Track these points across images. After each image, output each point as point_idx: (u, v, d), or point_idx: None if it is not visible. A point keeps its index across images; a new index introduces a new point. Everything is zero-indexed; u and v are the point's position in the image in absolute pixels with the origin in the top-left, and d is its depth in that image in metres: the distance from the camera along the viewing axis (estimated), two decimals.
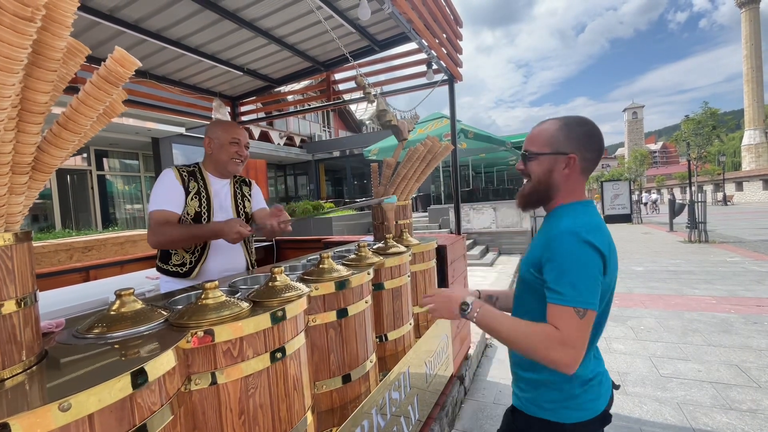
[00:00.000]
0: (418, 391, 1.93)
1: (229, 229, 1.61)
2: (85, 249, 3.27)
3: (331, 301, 1.33)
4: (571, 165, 1.03)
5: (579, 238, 0.93)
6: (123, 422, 0.66)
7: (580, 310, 0.90)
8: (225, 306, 0.97)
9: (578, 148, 1.03)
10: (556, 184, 1.06)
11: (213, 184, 1.85)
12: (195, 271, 1.77)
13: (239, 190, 1.97)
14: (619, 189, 17.94)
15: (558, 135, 1.04)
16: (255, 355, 0.95)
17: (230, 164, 1.85)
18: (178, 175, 1.77)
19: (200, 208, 1.77)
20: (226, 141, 1.82)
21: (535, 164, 1.07)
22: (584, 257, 0.92)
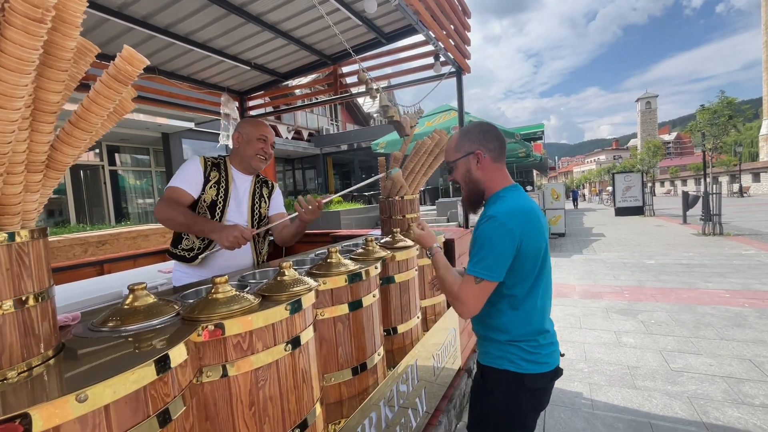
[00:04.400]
0: (426, 384, 1.95)
1: (226, 235, 1.60)
2: (99, 243, 3.34)
3: (339, 295, 1.34)
4: (480, 159, 1.26)
5: (496, 223, 1.16)
6: (138, 413, 0.68)
7: (477, 278, 1.16)
8: (235, 300, 0.98)
9: (479, 143, 1.25)
10: (478, 179, 1.28)
11: (235, 179, 1.90)
12: (198, 258, 1.81)
13: (258, 190, 2.00)
14: (631, 181, 17.63)
15: (461, 141, 1.29)
16: (264, 349, 0.97)
17: (254, 160, 1.90)
18: (203, 163, 1.83)
19: (217, 197, 1.82)
20: (254, 137, 1.88)
21: (457, 171, 1.31)
22: (496, 238, 1.15)
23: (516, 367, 1.21)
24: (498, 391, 1.24)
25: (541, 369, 1.23)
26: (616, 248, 8.73)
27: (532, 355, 1.22)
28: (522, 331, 1.23)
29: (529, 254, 1.18)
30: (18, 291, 0.68)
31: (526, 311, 1.22)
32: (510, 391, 1.23)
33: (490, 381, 1.26)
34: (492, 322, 1.26)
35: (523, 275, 1.20)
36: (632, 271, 6.35)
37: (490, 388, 1.26)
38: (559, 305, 4.76)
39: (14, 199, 0.68)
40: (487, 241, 1.16)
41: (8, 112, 0.58)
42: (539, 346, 1.23)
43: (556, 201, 11.81)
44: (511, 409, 1.23)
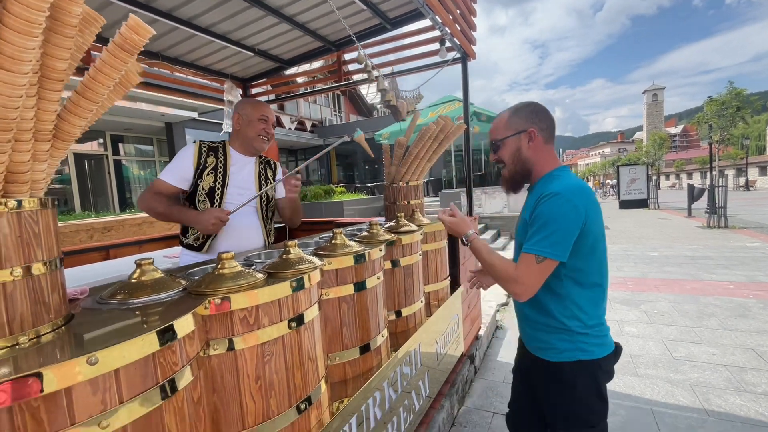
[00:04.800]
0: (429, 369, 1.96)
1: (205, 221, 1.63)
2: (105, 229, 3.36)
3: (343, 275, 1.35)
4: (533, 138, 1.22)
5: (563, 199, 1.11)
6: (147, 379, 0.69)
7: (538, 257, 1.10)
8: (241, 276, 0.99)
9: (532, 122, 1.22)
10: (528, 158, 1.24)
11: (235, 162, 1.86)
12: (206, 246, 1.82)
13: (264, 172, 1.97)
14: (636, 173, 17.51)
15: (513, 119, 1.24)
16: (270, 324, 0.98)
17: (256, 141, 1.87)
18: (197, 151, 1.79)
19: (215, 183, 1.78)
20: (255, 118, 1.85)
21: (505, 149, 1.26)
22: (562, 215, 1.10)
23: (590, 354, 1.18)
24: (580, 383, 1.19)
25: (610, 349, 1.22)
26: (619, 240, 8.70)
27: (600, 339, 1.20)
28: (594, 317, 1.19)
29: (595, 233, 1.15)
30: (28, 258, 0.69)
31: (597, 295, 1.20)
32: (591, 379, 1.19)
33: (568, 376, 1.20)
34: (563, 312, 1.18)
35: (594, 256, 1.17)
36: (636, 262, 6.33)
37: (571, 384, 1.20)
38: None
39: (23, 167, 0.68)
40: (552, 217, 1.10)
41: (15, 76, 0.58)
42: (604, 328, 1.23)
43: None
44: (595, 394, 1.20)
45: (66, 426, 0.58)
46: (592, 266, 1.17)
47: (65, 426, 0.58)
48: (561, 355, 1.20)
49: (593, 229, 1.14)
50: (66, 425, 0.58)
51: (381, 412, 1.44)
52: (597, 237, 1.16)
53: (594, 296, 1.20)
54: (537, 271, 1.11)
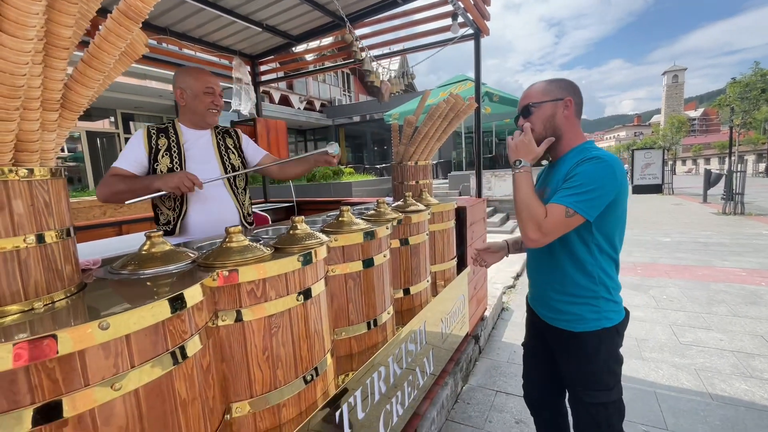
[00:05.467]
0: (434, 347, 1.99)
1: (167, 181, 1.53)
2: (118, 205, 3.41)
3: (350, 252, 1.35)
4: (569, 107, 1.23)
5: (606, 164, 1.12)
6: (157, 345, 0.71)
7: (570, 210, 1.10)
8: (248, 249, 1.00)
9: (570, 92, 1.23)
10: (559, 126, 1.24)
11: (187, 138, 1.76)
12: (177, 227, 1.72)
13: (222, 142, 1.86)
14: (651, 158, 17.08)
15: (551, 86, 1.26)
16: (277, 297, 1.00)
17: (207, 115, 1.77)
18: (146, 135, 1.71)
19: (172, 164, 1.69)
20: (200, 91, 1.72)
21: (538, 114, 1.25)
22: (600, 177, 1.11)
23: (611, 321, 1.23)
24: (602, 351, 1.24)
25: (623, 313, 1.29)
26: (631, 225, 8.58)
27: (619, 305, 1.26)
28: (616, 281, 1.26)
29: (624, 199, 1.18)
30: (40, 226, 0.70)
31: (615, 259, 1.26)
32: (611, 345, 1.25)
33: (591, 345, 1.24)
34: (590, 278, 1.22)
35: (620, 220, 1.20)
36: (646, 248, 6.26)
37: (595, 351, 1.24)
38: None
39: (32, 136, 0.68)
40: (590, 178, 1.11)
41: (21, 42, 0.57)
42: (619, 291, 1.28)
43: None
44: (614, 358, 1.27)
45: (81, 387, 0.61)
46: (617, 237, 1.22)
47: (80, 387, 0.60)
48: (587, 325, 1.24)
49: (623, 202, 1.17)
50: (81, 386, 0.61)
51: (386, 386, 1.47)
52: (625, 210, 1.21)
53: (615, 265, 1.26)
54: (563, 223, 1.12)
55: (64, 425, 0.59)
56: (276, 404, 1.01)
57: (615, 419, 1.26)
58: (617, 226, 1.21)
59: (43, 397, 0.57)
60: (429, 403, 1.97)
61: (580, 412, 1.30)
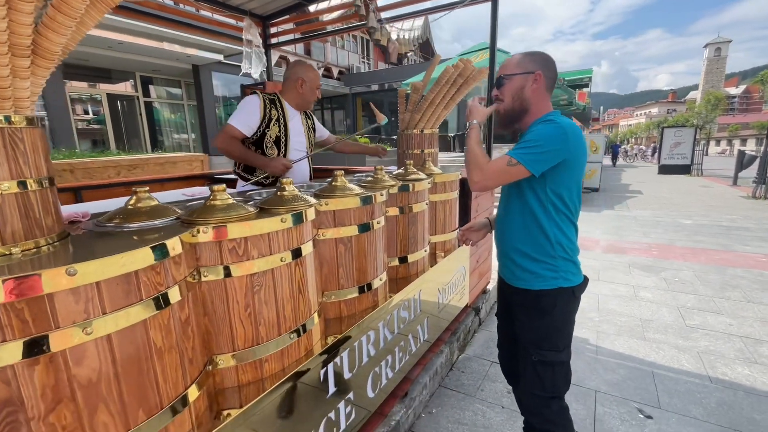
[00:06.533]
0: (429, 315, 2.01)
1: (274, 166, 2.00)
2: (130, 167, 3.49)
3: (341, 217, 1.35)
4: (538, 81, 1.27)
5: (556, 126, 1.19)
6: (130, 295, 0.73)
7: (513, 160, 1.18)
8: (232, 208, 1.00)
9: (541, 67, 1.27)
10: (528, 98, 1.29)
11: (291, 115, 2.15)
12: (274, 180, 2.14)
13: (306, 123, 2.29)
14: (681, 136, 16.24)
15: (524, 60, 1.30)
16: (260, 256, 1.00)
17: (310, 104, 2.23)
18: (262, 103, 2.05)
19: (280, 133, 2.09)
20: (315, 86, 2.17)
21: (509, 85, 1.30)
22: (549, 137, 1.17)
23: (568, 282, 1.28)
24: (556, 309, 1.29)
25: (581, 276, 1.33)
26: (651, 206, 8.30)
27: (576, 266, 1.31)
28: (574, 243, 1.31)
29: (580, 166, 1.23)
30: (16, 174, 0.71)
31: (575, 224, 1.31)
32: (566, 305, 1.30)
33: (547, 302, 1.29)
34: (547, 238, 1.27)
35: (577, 186, 1.27)
36: (665, 229, 6.07)
37: (548, 309, 1.29)
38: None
39: (2, 82, 0.68)
40: (540, 136, 1.18)
41: None
42: (578, 255, 1.33)
43: (594, 154, 11.15)
44: (567, 320, 1.32)
45: (51, 328, 0.63)
46: (574, 199, 1.27)
47: (50, 328, 0.63)
48: (545, 283, 1.28)
49: (577, 166, 1.22)
50: (50, 328, 0.63)
51: (375, 349, 1.50)
52: (579, 176, 1.26)
53: (573, 227, 1.31)
54: (504, 170, 1.20)
55: (35, 363, 0.62)
56: (258, 359, 1.05)
57: (560, 382, 1.32)
58: (572, 189, 1.25)
59: (12, 335, 0.60)
60: (421, 369, 2.02)
61: (527, 370, 1.35)
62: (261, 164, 2.05)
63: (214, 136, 2.04)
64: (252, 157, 2.05)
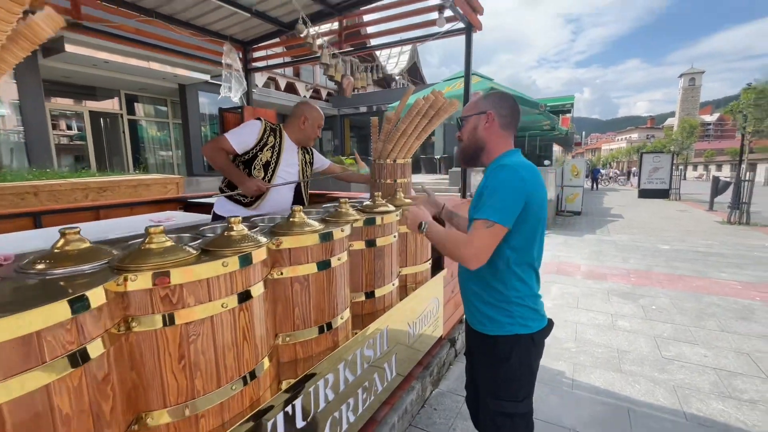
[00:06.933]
0: (398, 351, 1.94)
1: (249, 185, 2.07)
2: (100, 190, 3.38)
3: (297, 255, 1.30)
4: (489, 120, 1.30)
5: (511, 170, 1.18)
6: (29, 359, 0.66)
7: (488, 221, 1.14)
8: (170, 252, 0.95)
9: (493, 106, 1.30)
10: (481, 138, 1.32)
11: (287, 147, 2.26)
12: (256, 204, 2.21)
13: (303, 158, 2.40)
14: (660, 162, 16.77)
15: (479, 101, 1.34)
16: (197, 303, 0.94)
17: (310, 141, 2.36)
18: (263, 129, 2.16)
19: (271, 158, 2.18)
20: (317, 124, 2.32)
21: (466, 126, 1.36)
22: (509, 184, 1.16)
23: (526, 328, 1.24)
24: (514, 356, 1.25)
25: (543, 322, 1.29)
26: (631, 231, 8.45)
27: (535, 312, 1.27)
28: (530, 288, 1.27)
29: (536, 207, 1.20)
30: None
31: (534, 268, 1.28)
32: (524, 353, 1.26)
33: (504, 349, 1.26)
34: (503, 284, 1.25)
35: (532, 229, 1.23)
36: (643, 255, 6.15)
37: (505, 356, 1.26)
38: (558, 283, 4.67)
39: None
40: (500, 187, 1.16)
41: None
42: (538, 301, 1.30)
43: (576, 178, 11.39)
44: (527, 368, 1.28)
45: None
46: (531, 243, 1.24)
47: None
48: (501, 329, 1.26)
49: (536, 203, 1.20)
50: None
51: (334, 393, 1.43)
52: (539, 217, 1.22)
53: (534, 269, 1.29)
54: (487, 235, 1.15)
55: None
56: (194, 414, 0.97)
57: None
58: (531, 231, 1.22)
59: None
60: (389, 409, 1.93)
61: (486, 420, 1.31)
62: (236, 180, 2.11)
63: (205, 144, 2.12)
64: (232, 170, 2.12)
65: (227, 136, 2.10)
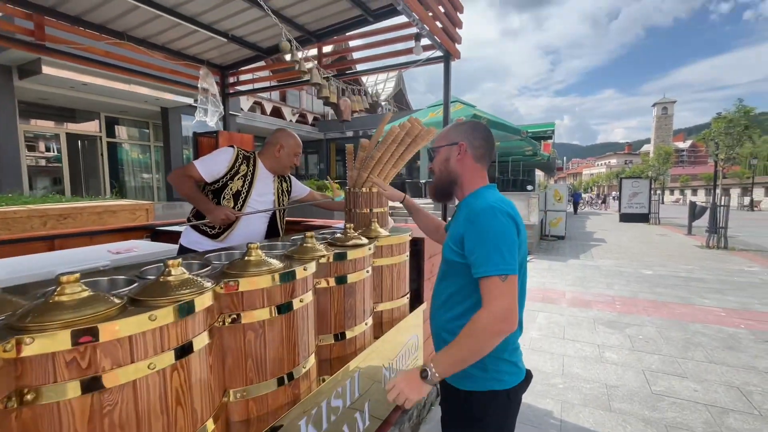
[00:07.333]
0: (371, 397, 1.77)
1: (217, 214, 1.96)
2: (60, 217, 3.18)
3: (251, 299, 1.15)
4: (462, 151, 1.21)
5: (496, 211, 1.06)
6: None
7: (501, 277, 1.01)
8: (86, 304, 0.80)
9: (465, 137, 1.21)
10: (455, 171, 1.23)
11: (261, 175, 2.17)
12: (224, 235, 2.09)
13: (280, 187, 2.31)
14: (638, 187, 17.23)
15: (450, 131, 1.26)
16: (114, 367, 0.79)
17: (286, 169, 2.27)
18: (235, 157, 2.07)
19: (242, 188, 2.09)
20: (293, 152, 2.22)
21: (437, 157, 1.27)
22: (502, 227, 1.05)
23: (502, 384, 1.13)
24: (489, 415, 1.14)
25: (521, 376, 1.18)
26: (614, 255, 8.49)
27: (512, 366, 1.16)
28: (510, 341, 1.15)
29: (523, 246, 1.11)
30: None
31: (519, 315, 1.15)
32: (500, 410, 1.15)
33: (478, 407, 1.15)
34: None
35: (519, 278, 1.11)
36: (627, 280, 6.13)
37: (479, 416, 1.15)
38: (544, 312, 4.56)
39: None
40: (495, 231, 1.04)
41: None
42: (517, 352, 1.19)
43: (559, 203, 11.53)
44: (502, 426, 1.17)
45: None
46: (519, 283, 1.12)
47: None
48: (474, 383, 1.14)
49: (522, 247, 1.10)
50: None
51: None
52: (523, 257, 1.12)
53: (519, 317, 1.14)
54: (506, 292, 1.01)
55: None
56: None
57: None
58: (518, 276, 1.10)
59: None
60: None
61: None
62: (203, 209, 2.01)
63: (172, 171, 2.05)
64: (199, 199, 2.02)
65: (196, 164, 2.02)
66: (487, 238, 1.04)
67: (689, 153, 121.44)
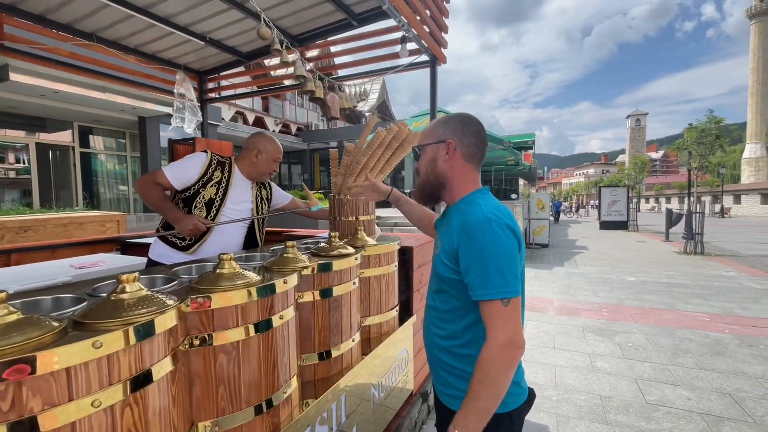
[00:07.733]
0: (361, 418, 1.63)
1: (185, 224, 1.81)
2: (20, 230, 2.94)
3: (223, 317, 1.02)
4: (450, 150, 1.07)
5: (496, 225, 0.94)
6: None
7: (503, 301, 0.91)
8: (15, 328, 0.66)
9: (454, 134, 1.07)
10: (442, 172, 1.09)
11: (237, 182, 2.03)
12: (194, 248, 1.94)
13: (259, 194, 2.18)
14: (617, 195, 17.68)
15: (437, 127, 1.11)
16: (47, 407, 0.64)
17: (265, 175, 2.12)
18: (207, 163, 1.94)
19: (216, 196, 1.94)
20: (272, 158, 2.07)
21: (423, 157, 1.13)
22: (503, 243, 0.93)
23: (504, 406, 1.01)
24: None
25: (523, 396, 1.07)
26: (598, 262, 8.58)
27: (515, 386, 1.04)
28: None
29: (522, 256, 1.02)
30: None
31: None
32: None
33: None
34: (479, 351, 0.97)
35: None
36: (612, 287, 6.16)
37: None
38: (533, 321, 4.50)
39: None
40: (494, 248, 0.93)
41: None
42: (519, 370, 1.07)
43: (542, 211, 11.66)
44: None
45: None
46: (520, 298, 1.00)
47: None
48: None
49: (522, 258, 1.01)
50: None
51: None
52: (522, 262, 1.02)
53: None
54: (509, 316, 0.92)
55: None
56: None
57: None
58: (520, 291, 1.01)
59: None
60: None
61: None
62: (171, 218, 1.85)
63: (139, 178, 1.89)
64: (166, 207, 1.86)
65: (164, 170, 1.88)
66: (485, 256, 0.93)
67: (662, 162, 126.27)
